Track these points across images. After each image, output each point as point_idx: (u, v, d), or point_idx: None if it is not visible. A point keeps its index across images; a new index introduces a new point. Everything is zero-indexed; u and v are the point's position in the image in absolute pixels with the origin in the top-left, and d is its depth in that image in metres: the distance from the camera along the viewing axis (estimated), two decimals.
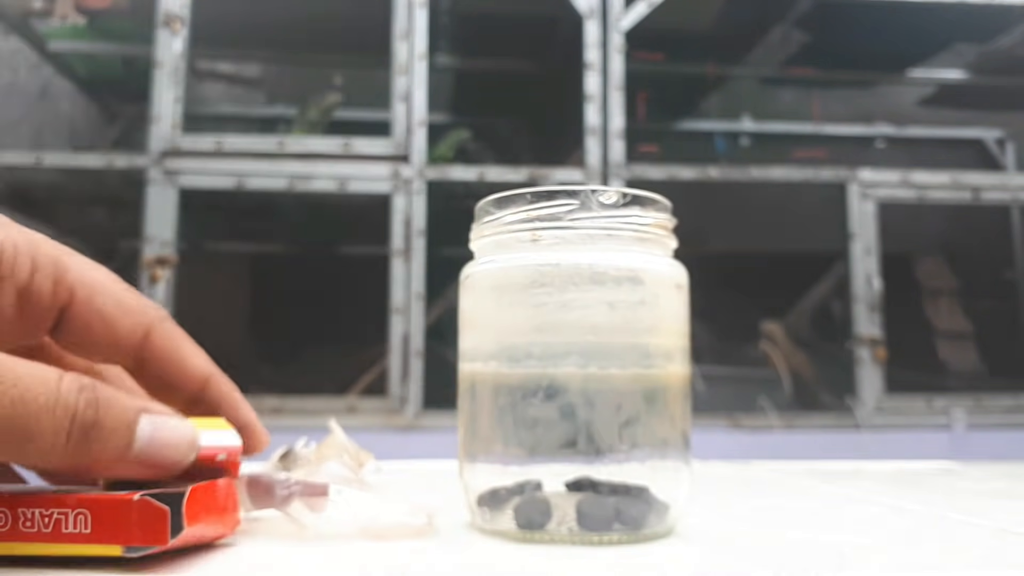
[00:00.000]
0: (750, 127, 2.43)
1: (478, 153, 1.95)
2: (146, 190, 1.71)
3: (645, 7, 1.85)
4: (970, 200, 1.90)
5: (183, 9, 1.78)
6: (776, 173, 1.86)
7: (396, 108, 1.79)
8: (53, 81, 2.30)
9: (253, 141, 1.79)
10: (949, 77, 2.42)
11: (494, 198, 0.38)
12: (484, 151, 1.96)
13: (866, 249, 1.82)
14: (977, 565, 0.31)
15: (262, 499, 0.37)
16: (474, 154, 1.95)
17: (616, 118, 1.81)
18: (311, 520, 0.36)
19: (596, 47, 1.83)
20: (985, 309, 2.26)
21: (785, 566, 0.30)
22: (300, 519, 0.36)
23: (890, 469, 0.64)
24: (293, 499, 0.36)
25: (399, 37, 1.81)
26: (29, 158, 1.76)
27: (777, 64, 2.36)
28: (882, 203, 1.86)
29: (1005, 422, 1.79)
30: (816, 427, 1.77)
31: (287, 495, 0.36)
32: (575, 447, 0.34)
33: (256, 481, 0.37)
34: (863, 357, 1.78)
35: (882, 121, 2.49)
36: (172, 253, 1.70)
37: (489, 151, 1.96)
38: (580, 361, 0.34)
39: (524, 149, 1.97)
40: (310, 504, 0.36)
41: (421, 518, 0.36)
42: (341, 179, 1.76)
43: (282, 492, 0.36)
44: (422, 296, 1.72)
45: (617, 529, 0.33)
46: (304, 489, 0.36)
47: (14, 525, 0.27)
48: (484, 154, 1.95)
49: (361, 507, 0.37)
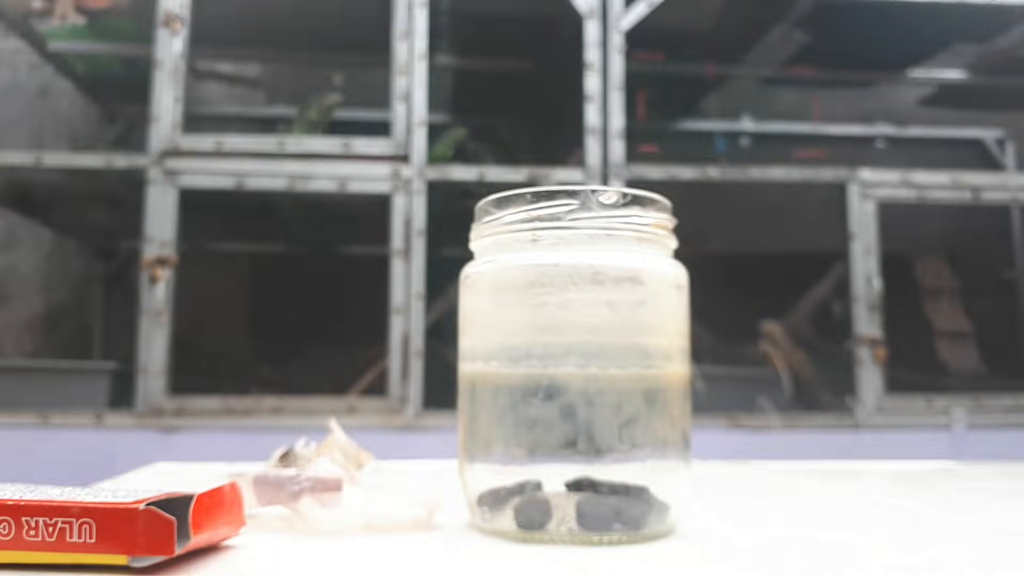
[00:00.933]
0: (750, 127, 2.43)
1: (478, 153, 1.95)
2: (146, 190, 1.72)
3: (645, 7, 1.85)
4: (970, 200, 1.90)
5: (183, 9, 1.78)
6: (776, 173, 1.86)
7: (396, 108, 1.79)
8: (53, 81, 2.30)
9: (253, 141, 1.79)
10: (949, 77, 2.42)
11: (494, 198, 0.38)
12: (484, 151, 1.96)
13: (866, 249, 1.83)
14: (976, 565, 0.31)
15: (269, 497, 0.37)
16: (474, 154, 1.95)
17: (616, 118, 1.81)
18: (320, 515, 0.36)
19: (596, 47, 1.83)
20: (985, 309, 2.26)
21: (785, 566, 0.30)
22: (309, 515, 0.36)
23: (890, 469, 0.64)
24: (303, 495, 0.36)
25: (399, 37, 1.81)
26: (29, 158, 1.76)
27: (777, 64, 2.36)
28: (882, 203, 1.86)
29: (1005, 422, 1.79)
30: (816, 427, 1.77)
31: (298, 491, 0.36)
32: (575, 447, 0.34)
33: (263, 480, 0.37)
34: (863, 357, 1.78)
35: (882, 121, 2.49)
36: (172, 253, 1.70)
37: (489, 151, 1.96)
38: (580, 361, 0.34)
39: (524, 149, 1.97)
40: (321, 500, 0.36)
41: (424, 512, 0.37)
42: (341, 179, 1.76)
43: (293, 488, 0.36)
44: (422, 296, 1.72)
45: (617, 529, 0.33)
46: (316, 485, 0.36)
47: (18, 534, 0.27)
48: (484, 154, 1.95)
49: (366, 502, 0.37)
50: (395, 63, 1.81)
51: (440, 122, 2.13)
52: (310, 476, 0.36)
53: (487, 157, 1.93)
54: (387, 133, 1.79)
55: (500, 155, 1.94)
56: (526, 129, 2.27)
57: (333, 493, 0.37)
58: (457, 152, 1.93)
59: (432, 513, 0.37)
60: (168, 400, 1.65)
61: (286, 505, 0.36)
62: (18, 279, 2.33)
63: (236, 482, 0.33)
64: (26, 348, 2.30)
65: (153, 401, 1.64)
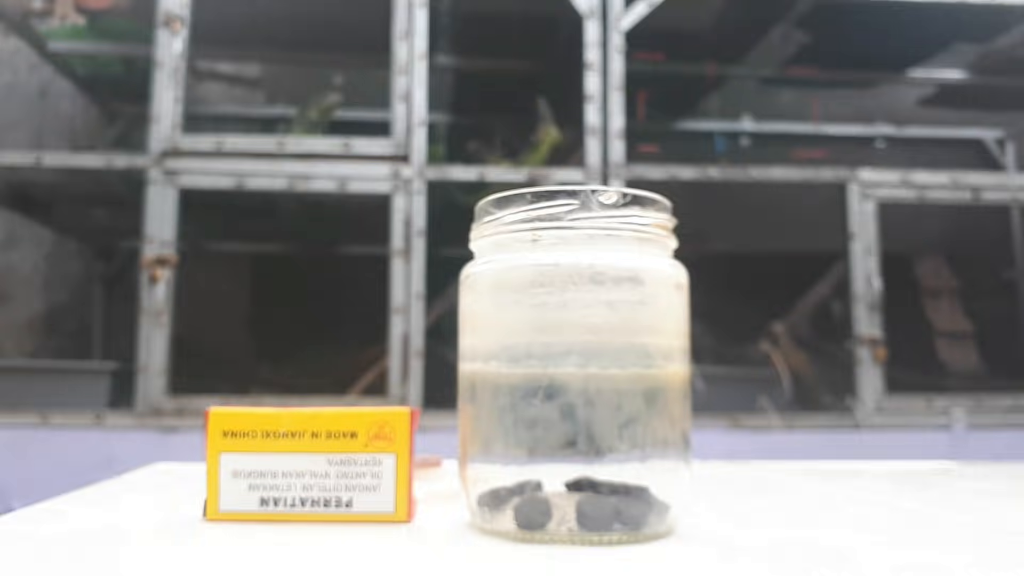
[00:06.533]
0: (750, 127, 2.43)
1: (478, 153, 1.95)
2: (146, 190, 1.71)
3: (645, 7, 1.85)
4: (970, 200, 1.90)
5: (183, 9, 1.78)
6: (776, 173, 1.86)
7: (396, 108, 1.79)
8: (53, 81, 2.30)
9: (253, 141, 1.79)
10: (949, 77, 2.42)
11: (494, 198, 0.38)
12: (484, 151, 1.96)
13: (866, 249, 1.82)
14: (976, 565, 0.31)
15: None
16: (474, 154, 1.95)
17: (616, 118, 1.81)
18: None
19: (596, 47, 1.83)
20: (985, 309, 2.25)
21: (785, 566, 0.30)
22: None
23: (890, 469, 0.64)
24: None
25: (399, 37, 1.81)
26: (29, 158, 1.76)
27: (777, 64, 2.36)
28: (882, 203, 1.86)
29: (1005, 422, 1.79)
30: (816, 427, 1.77)
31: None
32: (575, 447, 0.34)
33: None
34: (863, 357, 1.78)
35: (882, 121, 2.49)
36: (172, 253, 1.70)
37: (489, 151, 1.96)
38: (580, 361, 0.34)
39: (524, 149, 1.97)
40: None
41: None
42: (341, 179, 1.76)
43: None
44: (422, 296, 1.72)
45: (617, 529, 0.33)
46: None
47: None
48: (484, 154, 1.95)
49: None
50: (395, 63, 1.81)
51: (440, 122, 2.13)
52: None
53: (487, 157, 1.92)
54: (387, 133, 1.79)
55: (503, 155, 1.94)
56: (525, 129, 2.27)
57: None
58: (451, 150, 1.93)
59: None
60: (168, 400, 1.65)
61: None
62: (18, 279, 2.33)
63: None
64: (26, 348, 2.30)
65: (153, 401, 1.64)
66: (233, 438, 0.38)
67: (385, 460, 0.38)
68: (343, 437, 0.38)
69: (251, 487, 0.37)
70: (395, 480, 0.38)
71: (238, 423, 0.38)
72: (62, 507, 0.40)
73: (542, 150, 1.91)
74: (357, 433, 0.38)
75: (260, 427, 0.38)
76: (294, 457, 0.37)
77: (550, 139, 1.91)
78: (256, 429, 0.38)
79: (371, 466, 0.38)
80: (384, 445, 0.38)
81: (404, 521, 0.37)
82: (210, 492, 0.38)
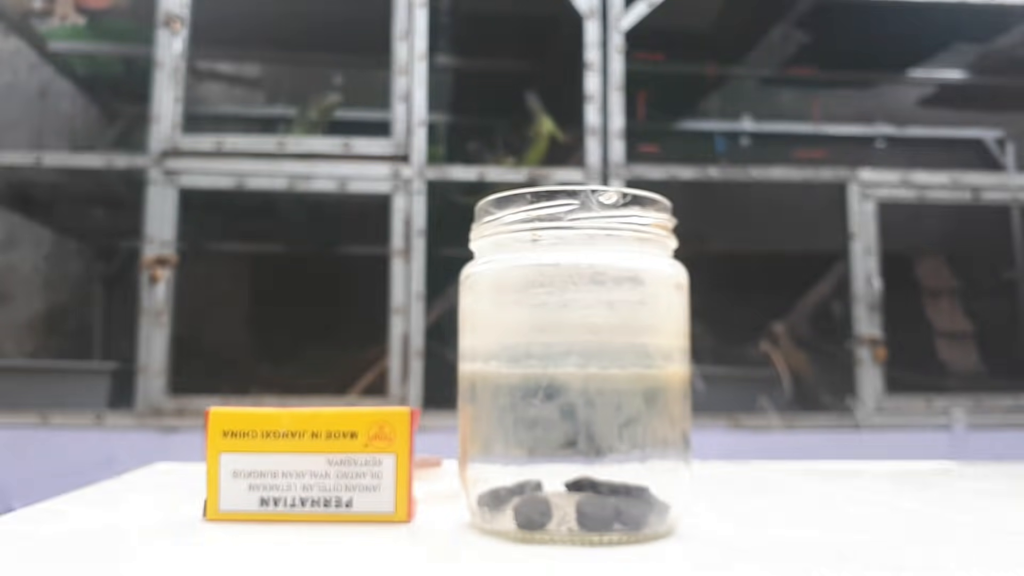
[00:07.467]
0: (750, 127, 2.43)
1: (478, 153, 1.95)
2: (146, 190, 1.71)
3: (645, 7, 1.85)
4: (970, 200, 1.90)
5: (183, 9, 1.78)
6: (776, 173, 1.86)
7: (396, 108, 1.79)
8: (53, 81, 2.30)
9: (253, 141, 1.79)
10: (949, 77, 2.42)
11: (494, 198, 0.38)
12: (485, 151, 1.96)
13: (866, 249, 1.82)
14: (976, 565, 0.31)
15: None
16: (474, 154, 1.95)
17: (616, 118, 1.81)
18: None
19: (596, 47, 1.83)
20: (985, 309, 2.25)
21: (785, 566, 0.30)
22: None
23: (890, 469, 0.64)
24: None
25: (399, 37, 1.81)
26: (29, 158, 1.75)
27: (777, 64, 2.36)
28: (882, 203, 1.86)
29: (1005, 422, 1.79)
30: (816, 427, 1.77)
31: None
32: (575, 447, 0.34)
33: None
34: (863, 357, 1.78)
35: (882, 121, 2.49)
36: (172, 253, 1.70)
37: (491, 151, 1.96)
38: (580, 361, 0.34)
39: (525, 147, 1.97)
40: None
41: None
42: (341, 179, 1.76)
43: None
44: (422, 296, 1.72)
45: (617, 529, 0.33)
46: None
47: None
48: (485, 154, 1.95)
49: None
50: (395, 63, 1.81)
51: (440, 122, 2.13)
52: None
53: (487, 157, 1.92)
54: (387, 133, 1.79)
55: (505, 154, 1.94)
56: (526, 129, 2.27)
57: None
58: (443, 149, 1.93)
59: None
60: (168, 400, 1.65)
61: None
62: (18, 279, 2.33)
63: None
64: (26, 348, 2.30)
65: (153, 401, 1.64)
66: (233, 438, 0.38)
67: (385, 460, 0.38)
68: (343, 437, 0.38)
69: (251, 487, 0.37)
70: (395, 480, 0.38)
71: (238, 423, 0.38)
72: (62, 507, 0.40)
73: (540, 144, 1.91)
74: (357, 433, 0.38)
75: (260, 427, 0.38)
76: (294, 457, 0.38)
77: (546, 129, 1.91)
78: (256, 429, 0.38)
79: (371, 466, 0.38)
80: (384, 445, 0.38)
81: (404, 521, 0.37)
82: (210, 492, 0.38)
